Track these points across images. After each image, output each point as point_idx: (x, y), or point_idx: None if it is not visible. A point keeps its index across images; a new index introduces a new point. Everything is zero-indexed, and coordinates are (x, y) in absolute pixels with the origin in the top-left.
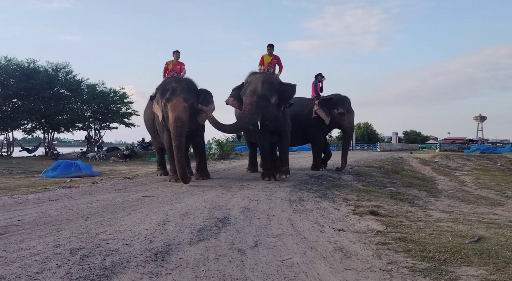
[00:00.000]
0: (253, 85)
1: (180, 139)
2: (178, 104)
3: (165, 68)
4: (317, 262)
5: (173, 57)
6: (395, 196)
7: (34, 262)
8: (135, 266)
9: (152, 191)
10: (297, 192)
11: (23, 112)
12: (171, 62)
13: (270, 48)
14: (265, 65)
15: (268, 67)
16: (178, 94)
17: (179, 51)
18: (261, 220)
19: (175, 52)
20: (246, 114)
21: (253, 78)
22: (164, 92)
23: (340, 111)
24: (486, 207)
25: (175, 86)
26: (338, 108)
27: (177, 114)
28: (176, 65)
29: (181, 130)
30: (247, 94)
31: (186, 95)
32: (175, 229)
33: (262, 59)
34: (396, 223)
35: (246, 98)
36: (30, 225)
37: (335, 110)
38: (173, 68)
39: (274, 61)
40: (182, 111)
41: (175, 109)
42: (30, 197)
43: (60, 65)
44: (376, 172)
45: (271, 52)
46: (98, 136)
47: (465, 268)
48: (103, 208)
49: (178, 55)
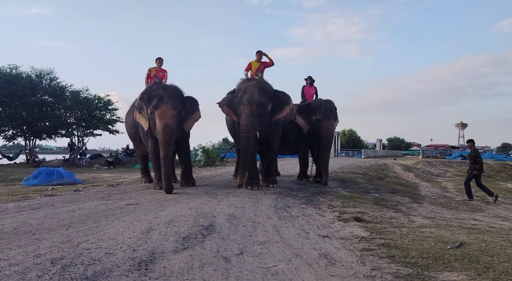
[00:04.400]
0: (249, 93)
1: (169, 148)
2: (166, 111)
3: (147, 74)
4: (302, 269)
5: (156, 64)
6: (379, 202)
7: (13, 272)
8: (118, 276)
9: (136, 199)
10: (283, 198)
11: (4, 118)
12: (153, 68)
13: (259, 54)
14: (253, 71)
15: (257, 72)
16: (165, 101)
17: (162, 58)
18: (247, 227)
19: (158, 59)
20: (249, 127)
21: (248, 85)
22: (150, 99)
23: (317, 118)
24: (467, 213)
25: (162, 93)
26: (316, 114)
27: (166, 121)
28: (159, 71)
29: (170, 139)
30: (245, 103)
31: (174, 102)
32: (159, 238)
33: (249, 65)
34: (380, 229)
35: (244, 108)
36: (10, 234)
37: (313, 117)
38: (155, 75)
39: (262, 66)
40: (171, 118)
41: (163, 116)
42: (10, 205)
43: (44, 71)
44: (361, 178)
45: (259, 59)
46: (82, 143)
47: (447, 273)
48: (85, 217)
49: (161, 62)
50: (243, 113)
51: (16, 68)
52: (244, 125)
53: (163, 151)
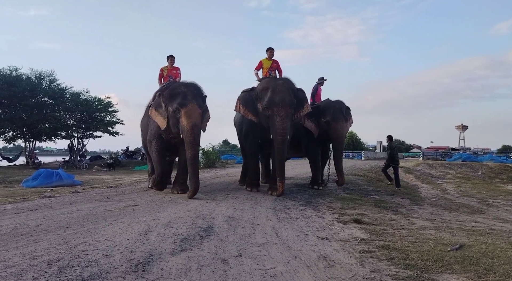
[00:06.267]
0: (280, 94)
1: (198, 148)
2: (194, 110)
3: (160, 75)
4: (301, 271)
5: (167, 62)
6: (379, 204)
7: (9, 274)
8: (115, 278)
9: (135, 201)
10: (282, 200)
11: (4, 120)
12: (166, 68)
13: (270, 51)
14: (266, 70)
15: (270, 71)
16: (190, 99)
17: (173, 56)
18: (246, 229)
19: (170, 57)
20: (286, 130)
21: (276, 84)
22: (173, 96)
23: (326, 120)
24: (468, 215)
25: (185, 90)
26: (325, 116)
27: (195, 121)
28: (171, 70)
29: (199, 139)
30: (279, 104)
31: (199, 101)
32: (157, 239)
33: (260, 63)
34: (380, 231)
35: (279, 110)
36: (7, 236)
37: (322, 119)
38: (168, 74)
39: (274, 65)
40: (199, 118)
41: (191, 115)
42: (8, 207)
43: (44, 73)
44: (361, 180)
45: (271, 56)
46: (81, 144)
47: (447, 276)
48: (83, 218)
49: (172, 60)
50: (278, 115)
51: (16, 70)
52: (281, 128)
53: (192, 151)
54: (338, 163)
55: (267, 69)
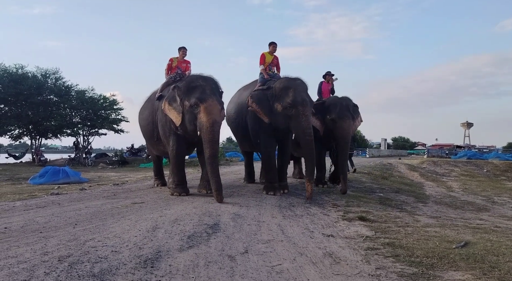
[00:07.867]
0: (301, 94)
1: (217, 147)
2: (214, 106)
3: (168, 65)
4: (307, 268)
5: (178, 54)
6: (383, 201)
7: (22, 270)
8: (124, 273)
9: (142, 198)
10: (287, 198)
11: (10, 118)
12: (176, 58)
13: (273, 46)
14: (267, 64)
15: (270, 66)
16: (209, 94)
17: (185, 48)
18: (251, 226)
19: (182, 48)
20: (311, 130)
21: (295, 84)
22: (190, 90)
23: (331, 117)
24: (473, 212)
25: (203, 84)
26: (331, 114)
27: (215, 117)
28: (182, 62)
29: (218, 137)
30: (304, 104)
31: (218, 97)
32: (164, 236)
33: (263, 57)
34: (385, 229)
35: (304, 110)
36: (17, 232)
37: (327, 116)
38: (178, 66)
39: (275, 61)
40: (219, 114)
41: (211, 111)
42: (17, 204)
43: (49, 71)
44: (365, 178)
45: (273, 51)
46: (87, 142)
47: (452, 273)
48: (91, 215)
49: (184, 52)
50: (303, 114)
51: (22, 67)
52: (307, 127)
53: (212, 150)
54: (343, 167)
55: (268, 64)
